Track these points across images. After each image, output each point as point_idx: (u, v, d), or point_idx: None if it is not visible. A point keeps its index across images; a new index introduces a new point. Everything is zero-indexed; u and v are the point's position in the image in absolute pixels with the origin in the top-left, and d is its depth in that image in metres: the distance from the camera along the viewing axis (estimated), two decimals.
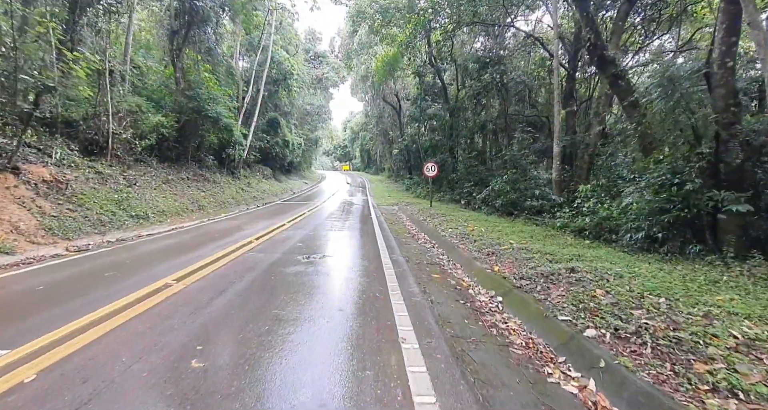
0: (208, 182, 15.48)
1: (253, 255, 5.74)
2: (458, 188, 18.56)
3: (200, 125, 14.65)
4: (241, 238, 7.27)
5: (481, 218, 10.73)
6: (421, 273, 5.06)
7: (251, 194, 19.19)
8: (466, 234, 7.95)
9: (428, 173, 14.58)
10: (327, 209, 14.81)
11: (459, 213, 12.47)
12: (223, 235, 7.79)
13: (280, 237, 7.51)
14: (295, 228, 9.00)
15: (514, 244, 6.35)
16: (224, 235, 7.79)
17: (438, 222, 10.36)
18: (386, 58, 23.68)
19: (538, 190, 10.19)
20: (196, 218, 11.42)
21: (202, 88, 14.02)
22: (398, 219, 12.26)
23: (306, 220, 10.85)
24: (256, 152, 24.73)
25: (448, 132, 21.10)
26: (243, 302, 3.66)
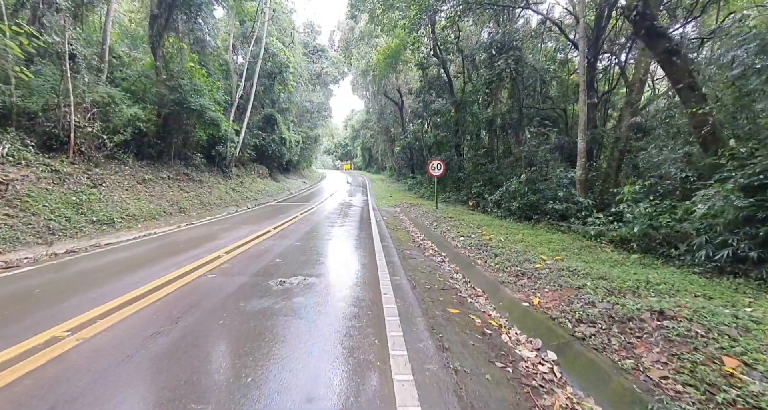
0: (193, 182, 14.20)
1: (211, 280, 4.41)
2: (465, 188, 17.22)
3: (184, 119, 13.37)
4: (210, 251, 5.96)
5: (496, 223, 9.40)
6: (434, 306, 3.74)
7: (243, 195, 17.92)
8: (482, 244, 6.63)
9: (433, 172, 13.26)
10: (323, 212, 13.51)
11: (469, 216, 11.14)
12: (190, 246, 6.49)
13: (257, 250, 6.20)
14: (281, 236, 7.70)
15: (547, 261, 5.02)
16: (192, 246, 6.49)
17: (446, 227, 9.04)
18: (388, 50, 22.33)
19: (562, 192, 8.85)
20: (174, 222, 10.16)
21: (186, 79, 12.72)
22: (401, 224, 10.93)
23: (296, 226, 9.55)
24: (251, 150, 23.46)
25: (454, 128, 19.74)
26: (147, 384, 2.27)
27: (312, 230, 8.72)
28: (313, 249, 6.29)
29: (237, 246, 6.44)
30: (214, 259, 5.38)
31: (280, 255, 5.79)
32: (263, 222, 10.03)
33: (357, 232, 8.65)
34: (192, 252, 5.93)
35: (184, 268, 4.78)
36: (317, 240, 7.25)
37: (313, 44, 32.79)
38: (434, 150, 21.71)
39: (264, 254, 5.83)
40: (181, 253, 5.86)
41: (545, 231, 8.10)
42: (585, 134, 9.63)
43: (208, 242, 6.91)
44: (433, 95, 20.21)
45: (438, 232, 8.65)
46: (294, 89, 24.90)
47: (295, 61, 23.97)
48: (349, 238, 7.77)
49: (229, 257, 5.55)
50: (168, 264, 5.04)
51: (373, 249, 6.50)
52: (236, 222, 10.24)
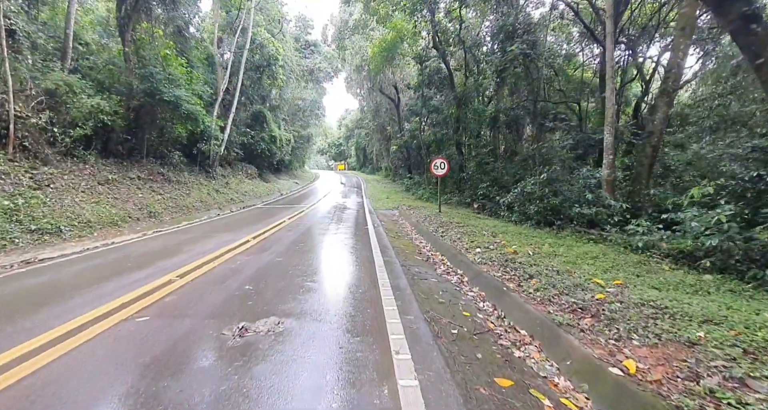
0: (169, 182, 12.77)
1: (135, 329, 2.95)
2: (468, 189, 15.99)
3: (158, 113, 11.93)
4: (161, 272, 4.59)
5: (512, 230, 8.16)
6: (473, 373, 2.44)
7: (228, 196, 16.49)
8: (507, 258, 5.37)
9: (436, 171, 12.00)
10: (314, 216, 12.16)
11: (478, 221, 9.90)
12: (141, 264, 5.11)
13: (223, 271, 4.82)
14: (260, 249, 6.34)
15: (606, 287, 3.76)
16: (143, 264, 5.11)
17: (456, 234, 7.77)
18: (384, 43, 21.06)
19: (590, 194, 7.63)
20: (140, 229, 8.75)
21: (158, 67, 11.29)
22: (402, 230, 9.64)
23: (281, 234, 8.21)
24: (239, 148, 22.02)
25: (455, 125, 18.52)
26: None
27: (299, 240, 7.37)
28: (297, 269, 4.94)
29: (199, 264, 5.07)
30: (160, 287, 4.02)
31: (252, 278, 4.43)
32: (243, 230, 8.66)
33: (352, 242, 7.33)
34: (137, 274, 4.55)
35: (106, 306, 3.40)
36: (304, 255, 5.90)
37: (305, 39, 31.39)
38: (433, 149, 20.49)
39: (231, 277, 4.46)
40: (122, 276, 4.48)
41: (575, 241, 6.87)
42: (612, 127, 8.45)
43: (166, 258, 5.53)
44: (433, 90, 18.97)
45: (447, 241, 7.37)
46: (284, 84, 23.50)
47: (285, 54, 22.56)
48: (343, 250, 6.45)
49: (182, 283, 4.18)
50: (90, 299, 3.66)
51: (372, 267, 5.18)
52: (212, 229, 8.86)
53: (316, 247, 6.49)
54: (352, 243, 7.12)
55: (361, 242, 7.28)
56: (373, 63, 22.21)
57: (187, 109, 11.67)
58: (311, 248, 6.39)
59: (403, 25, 20.66)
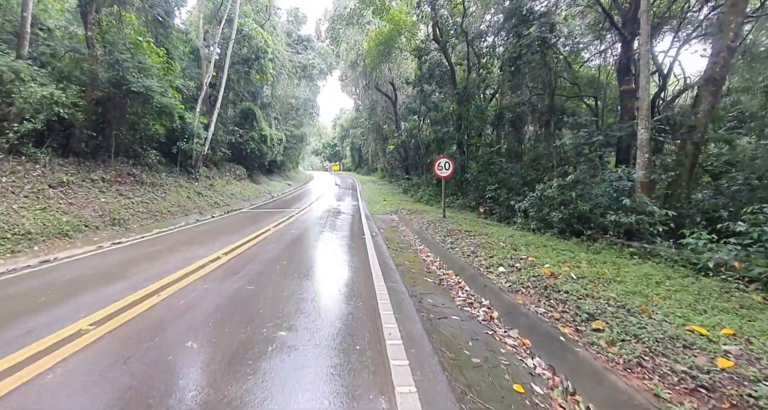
0: (142, 185, 11.39)
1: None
2: (473, 192, 14.82)
3: (127, 106, 10.58)
4: (63, 321, 3.26)
5: (533, 240, 6.95)
6: None
7: (212, 200, 15.12)
8: (544, 283, 4.17)
9: (440, 172, 10.78)
10: (304, 222, 10.89)
11: (489, 228, 8.70)
12: (50, 301, 3.77)
13: (159, 314, 3.37)
14: (227, 271, 5.03)
15: (730, 349, 2.55)
16: (53, 301, 3.78)
17: (468, 246, 6.57)
18: (380, 37, 19.85)
19: (628, 199, 6.45)
20: (97, 241, 7.42)
21: (127, 54, 9.93)
22: (404, 240, 8.40)
23: (261, 247, 6.93)
24: (226, 148, 20.65)
25: (456, 123, 17.35)
26: None
27: (281, 256, 6.09)
28: (270, 306, 3.64)
29: (137, 299, 3.73)
30: (59, 344, 2.72)
31: (202, 324, 3.12)
32: (219, 240, 7.36)
33: (347, 258, 6.06)
34: (29, 322, 3.21)
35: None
36: (284, 281, 4.60)
37: (298, 33, 30.06)
38: (433, 148, 19.30)
39: (167, 328, 3.07)
40: (7, 328, 3.15)
41: (615, 256, 5.68)
42: (648, 121, 7.29)
43: (100, 286, 4.20)
44: (433, 86, 17.79)
45: (459, 255, 6.15)
46: (274, 80, 22.18)
47: (275, 48, 21.25)
48: (335, 273, 5.17)
49: (90, 340, 2.85)
50: None
51: (374, 299, 3.91)
52: (183, 240, 7.54)
53: (301, 268, 5.20)
54: (347, 260, 5.86)
55: (358, 258, 6.02)
56: (369, 58, 20.98)
57: (161, 102, 10.32)
58: (295, 269, 5.10)
59: (401, 18, 19.49)
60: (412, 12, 18.59)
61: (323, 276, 4.81)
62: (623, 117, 11.06)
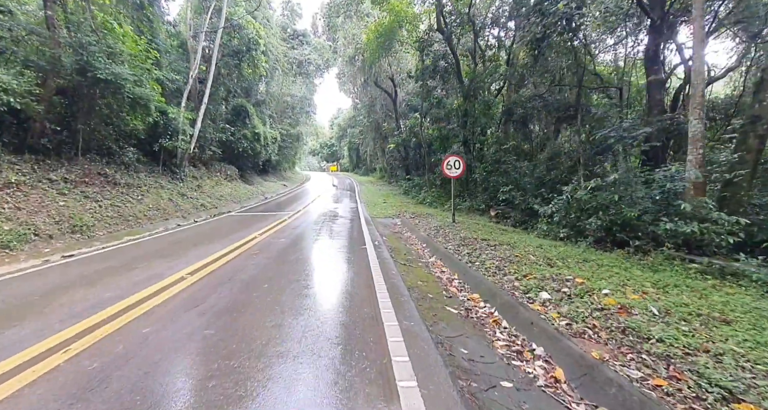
0: (115, 186, 10.16)
1: None
2: (481, 193, 13.68)
3: (96, 96, 9.34)
4: None
5: (566, 252, 5.80)
6: None
7: (198, 202, 13.90)
8: (620, 323, 3.01)
9: (449, 172, 9.62)
10: (296, 228, 9.70)
11: (510, 236, 7.54)
12: None
13: (41, 399, 2.31)
14: (186, 303, 3.81)
15: None
16: None
17: (492, 260, 5.42)
18: (380, 28, 18.69)
19: (686, 203, 5.30)
20: (48, 252, 6.23)
21: (93, 36, 8.70)
22: (411, 250, 7.22)
23: (239, 262, 5.74)
24: (216, 146, 19.41)
25: (462, 119, 16.21)
26: None
27: (263, 275, 4.88)
28: (228, 371, 2.45)
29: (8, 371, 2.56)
30: None
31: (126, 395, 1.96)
32: (191, 253, 6.15)
33: (346, 276, 4.87)
34: None
35: None
36: (258, 318, 3.36)
37: (293, 28, 28.85)
38: (437, 146, 18.14)
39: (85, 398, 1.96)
40: None
41: (682, 275, 4.52)
42: (702, 110, 6.16)
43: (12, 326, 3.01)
44: (437, 79, 16.63)
45: (483, 273, 4.99)
46: (268, 75, 20.98)
47: (268, 41, 20.04)
48: (329, 303, 3.96)
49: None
50: None
51: (386, 355, 2.71)
52: (149, 252, 6.33)
53: (285, 297, 3.93)
54: (346, 282, 4.66)
55: (360, 278, 4.83)
56: (368, 51, 19.80)
57: (134, 92, 9.09)
58: (276, 298, 3.85)
59: (402, 8, 18.34)
60: (413, 2, 17.48)
61: (314, 309, 3.61)
62: (651, 110, 9.96)
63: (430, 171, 19.76)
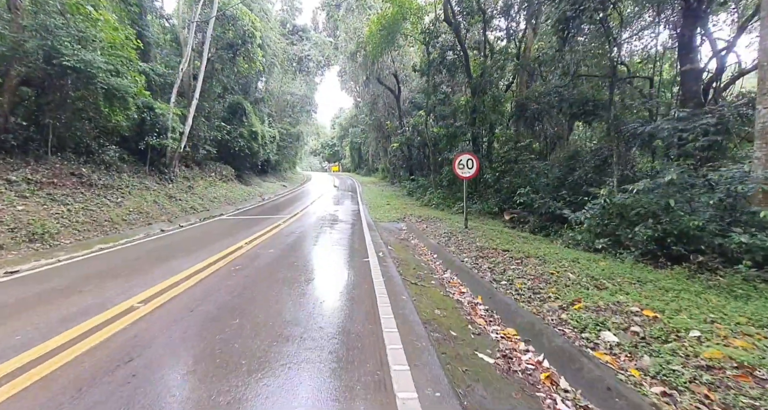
0: (90, 187, 9.20)
1: None
2: (493, 195, 12.64)
3: (68, 88, 8.38)
4: None
5: (615, 269, 4.76)
6: None
7: (188, 204, 12.93)
8: (748, 396, 1.95)
9: (461, 172, 8.60)
10: (288, 235, 8.70)
11: (535, 246, 6.50)
12: None
13: None
14: (119, 349, 2.83)
15: None
16: None
17: (522, 279, 4.41)
18: (383, 20, 17.69)
19: (766, 211, 4.27)
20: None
21: (58, 18, 7.72)
22: (421, 263, 6.18)
23: (211, 284, 4.73)
24: (211, 145, 18.46)
25: (470, 116, 15.18)
26: None
27: (235, 306, 3.85)
28: None
29: None
30: None
31: None
32: (159, 269, 5.15)
33: (345, 305, 3.84)
34: None
35: None
36: (215, 384, 2.38)
37: (293, 23, 27.89)
38: (443, 145, 17.11)
39: None
40: None
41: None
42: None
43: None
44: (444, 73, 15.61)
45: (513, 296, 3.99)
46: (265, 70, 20.03)
47: (265, 33, 19.08)
48: (319, 352, 2.92)
49: None
50: None
51: None
52: (114, 267, 5.33)
53: (254, 349, 2.80)
54: (344, 313, 3.64)
55: (361, 306, 3.80)
56: (371, 45, 18.80)
57: (108, 83, 8.11)
58: (240, 352, 2.72)
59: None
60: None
61: (295, 367, 2.57)
62: (686, 103, 8.91)
63: (436, 171, 18.74)
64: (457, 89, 20.79)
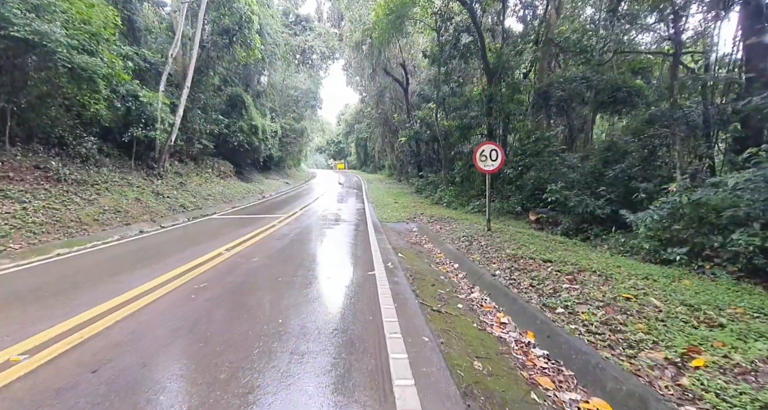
0: (57, 183, 8.09)
1: None
2: (514, 193, 11.29)
3: (28, 67, 7.23)
4: None
5: (715, 293, 3.44)
6: None
7: (177, 202, 11.78)
8: None
9: (484, 165, 7.29)
10: (282, 237, 7.49)
11: (582, 255, 5.18)
12: None
13: None
14: None
15: None
16: None
17: (586, 304, 3.10)
18: (390, 4, 16.32)
19: None
20: None
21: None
22: (441, 278, 4.90)
23: (154, 315, 3.52)
24: (208, 139, 17.33)
25: (486, 106, 13.83)
26: None
27: (176, 361, 2.64)
28: None
29: None
30: None
31: None
32: (104, 287, 3.97)
33: (339, 359, 2.60)
34: None
35: None
36: None
37: (296, 12, 26.65)
38: (456, 138, 15.75)
39: None
40: None
41: None
42: None
43: None
44: (457, 59, 14.25)
45: (582, 334, 2.69)
46: (264, 60, 18.83)
47: (265, 20, 17.87)
48: None
49: None
50: None
51: None
52: (39, 287, 4.15)
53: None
54: (336, 373, 2.39)
55: (363, 359, 2.56)
56: (378, 31, 17.48)
57: (71, 60, 6.94)
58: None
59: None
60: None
61: None
62: (750, 83, 7.49)
63: (447, 167, 17.41)
64: (467, 80, 19.42)
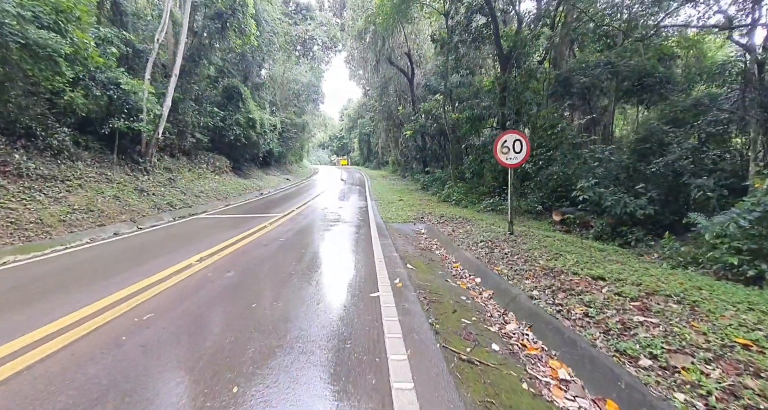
0: (19, 178, 7.16)
1: None
2: (535, 190, 10.20)
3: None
4: None
5: None
6: None
7: (163, 200, 10.84)
8: None
9: (505, 158, 6.24)
10: (270, 242, 6.51)
11: (639, 268, 4.12)
12: None
13: None
14: None
15: None
16: None
17: (682, 353, 1.98)
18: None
19: None
20: None
21: None
22: (462, 299, 3.86)
23: (62, 371, 2.51)
24: (203, 133, 16.38)
25: (500, 95, 12.72)
26: None
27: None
28: None
29: None
30: None
31: None
32: (27, 314, 2.97)
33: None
34: None
35: None
36: None
37: (296, 1, 25.47)
38: (466, 130, 14.62)
39: None
40: None
41: None
42: None
43: None
44: (468, 44, 13.08)
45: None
46: (260, 46, 17.75)
47: (261, 5, 16.77)
48: None
49: None
50: None
51: None
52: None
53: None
54: None
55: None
56: (381, 15, 16.32)
57: (25, 35, 5.93)
58: None
59: None
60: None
61: None
62: None
63: (456, 162, 16.31)
64: (476, 71, 18.26)
